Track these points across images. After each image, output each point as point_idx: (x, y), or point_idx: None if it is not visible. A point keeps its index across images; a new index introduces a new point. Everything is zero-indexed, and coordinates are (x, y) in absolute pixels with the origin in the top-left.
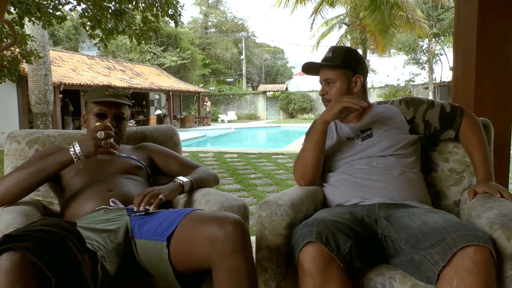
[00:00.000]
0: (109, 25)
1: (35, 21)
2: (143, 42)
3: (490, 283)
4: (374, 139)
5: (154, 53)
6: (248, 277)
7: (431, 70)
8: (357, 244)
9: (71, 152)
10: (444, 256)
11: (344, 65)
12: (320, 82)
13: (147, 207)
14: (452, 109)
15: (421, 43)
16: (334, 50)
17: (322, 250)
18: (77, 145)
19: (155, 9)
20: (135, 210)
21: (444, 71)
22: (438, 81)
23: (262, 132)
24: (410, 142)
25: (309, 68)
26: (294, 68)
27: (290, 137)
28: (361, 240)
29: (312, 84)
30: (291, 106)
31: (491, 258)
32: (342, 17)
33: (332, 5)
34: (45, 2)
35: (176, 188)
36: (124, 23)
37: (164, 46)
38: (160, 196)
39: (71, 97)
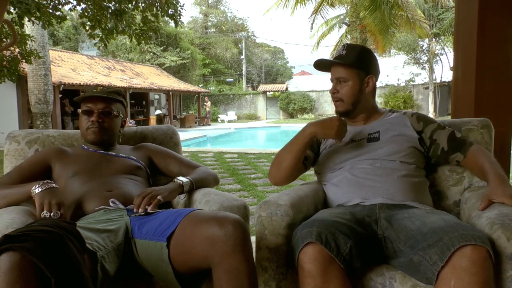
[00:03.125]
0: (109, 25)
1: (35, 21)
2: (143, 42)
3: (487, 282)
4: (381, 143)
5: (154, 53)
6: (248, 277)
7: (431, 70)
8: (357, 244)
9: (32, 189)
10: (443, 256)
11: (358, 65)
12: (331, 80)
13: (146, 206)
14: (462, 137)
15: (421, 43)
16: (349, 48)
17: (322, 251)
18: (39, 189)
19: (155, 9)
20: (134, 211)
21: (444, 71)
22: (438, 81)
23: (262, 132)
24: (417, 151)
25: (321, 65)
26: (294, 68)
27: (290, 137)
28: (362, 240)
29: (312, 84)
30: (291, 106)
31: (488, 258)
32: (342, 17)
33: (332, 5)
34: (45, 2)
35: (176, 189)
36: (124, 23)
37: (164, 46)
38: (158, 197)
39: (71, 97)
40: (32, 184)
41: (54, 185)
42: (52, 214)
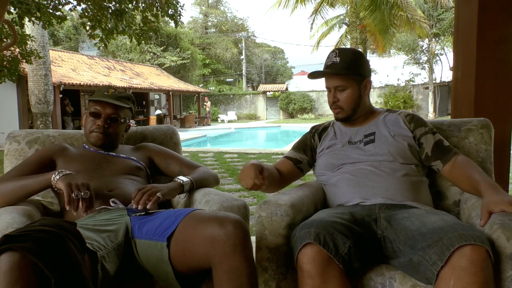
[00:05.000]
0: (109, 25)
1: (35, 21)
2: (143, 42)
3: (487, 282)
4: (377, 144)
5: (154, 53)
6: (248, 277)
7: (431, 70)
8: (356, 244)
9: (52, 178)
10: (442, 256)
11: (354, 71)
12: (328, 88)
13: (146, 203)
14: (449, 146)
15: (421, 43)
16: (341, 53)
17: (320, 252)
18: (59, 176)
19: (155, 9)
20: (134, 207)
21: (444, 71)
22: (438, 81)
23: (262, 132)
24: (414, 150)
25: (316, 75)
26: (294, 68)
27: (290, 137)
28: (360, 240)
29: (312, 84)
30: (291, 106)
31: (488, 257)
32: (342, 17)
33: (332, 5)
34: (45, 2)
35: (176, 188)
36: (124, 23)
37: (164, 46)
38: (157, 194)
39: (71, 97)
40: (49, 173)
41: (72, 172)
42: (82, 194)
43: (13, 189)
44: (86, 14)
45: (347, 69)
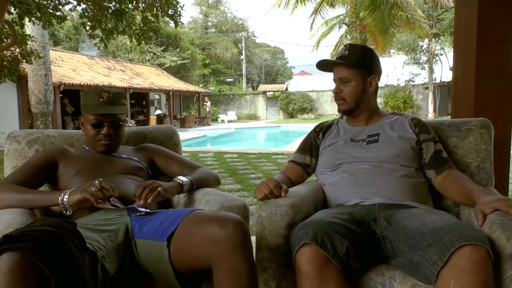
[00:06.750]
0: (109, 25)
1: (35, 21)
2: (143, 42)
3: (487, 282)
4: (380, 144)
5: (154, 53)
6: (248, 277)
7: (431, 70)
8: (354, 244)
9: (59, 200)
10: (442, 256)
11: (361, 65)
12: (334, 80)
13: (146, 209)
14: (447, 158)
15: (421, 43)
16: (351, 48)
17: (318, 252)
18: (67, 195)
19: (155, 9)
20: (136, 202)
21: (444, 71)
22: (438, 81)
23: (262, 132)
24: (416, 153)
25: (324, 65)
26: (294, 68)
27: (290, 137)
28: (359, 240)
29: (312, 84)
30: (291, 106)
31: (488, 257)
32: (342, 17)
33: (332, 5)
34: (45, 2)
35: (176, 187)
36: (124, 23)
37: (164, 46)
38: (159, 189)
39: (71, 97)
40: (53, 195)
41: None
42: (97, 184)
43: (15, 203)
44: (86, 14)
45: (353, 61)
